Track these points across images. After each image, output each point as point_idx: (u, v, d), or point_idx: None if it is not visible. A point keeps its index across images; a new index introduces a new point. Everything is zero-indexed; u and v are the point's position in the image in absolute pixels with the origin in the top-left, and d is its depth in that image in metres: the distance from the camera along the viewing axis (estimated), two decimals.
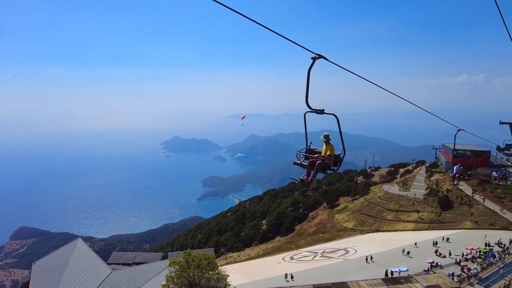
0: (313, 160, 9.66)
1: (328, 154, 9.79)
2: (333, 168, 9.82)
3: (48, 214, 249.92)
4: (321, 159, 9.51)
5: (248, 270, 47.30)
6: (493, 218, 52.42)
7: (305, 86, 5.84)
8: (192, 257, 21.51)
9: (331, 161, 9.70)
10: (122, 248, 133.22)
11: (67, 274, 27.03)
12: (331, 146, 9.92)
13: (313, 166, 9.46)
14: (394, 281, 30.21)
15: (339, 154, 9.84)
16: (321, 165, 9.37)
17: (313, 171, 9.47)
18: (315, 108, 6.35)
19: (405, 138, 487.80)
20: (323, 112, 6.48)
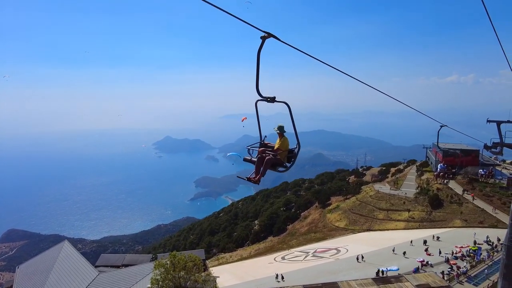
0: (262, 155, 8.51)
1: (277, 148, 8.69)
2: (286, 164, 8.68)
3: (38, 216, 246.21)
4: (272, 154, 8.39)
5: (239, 271, 47.04)
6: (482, 216, 52.97)
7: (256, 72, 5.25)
8: (178, 259, 21.14)
9: (283, 157, 8.57)
10: (114, 250, 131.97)
11: (52, 278, 26.41)
12: (283, 140, 8.84)
13: (262, 163, 8.32)
14: (384, 280, 30.25)
15: (293, 148, 8.68)
16: (271, 161, 8.23)
17: (262, 168, 8.32)
18: (266, 95, 5.59)
19: (396, 138, 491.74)
20: (274, 100, 5.69)
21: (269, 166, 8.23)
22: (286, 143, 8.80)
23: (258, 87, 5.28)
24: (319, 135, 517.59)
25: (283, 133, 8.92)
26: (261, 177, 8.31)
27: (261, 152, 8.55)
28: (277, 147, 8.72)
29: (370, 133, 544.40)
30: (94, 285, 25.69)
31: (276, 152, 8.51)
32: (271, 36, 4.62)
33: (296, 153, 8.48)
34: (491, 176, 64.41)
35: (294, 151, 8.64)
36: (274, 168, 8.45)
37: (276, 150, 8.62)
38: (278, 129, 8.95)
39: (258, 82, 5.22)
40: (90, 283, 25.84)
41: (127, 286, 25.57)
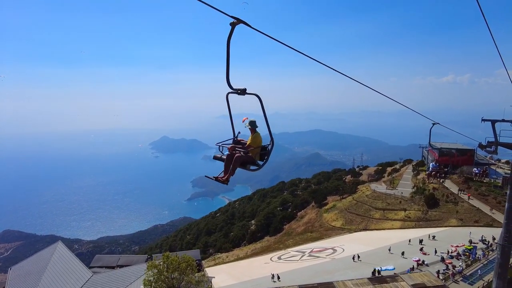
0: (231, 153, 7.88)
1: (248, 145, 8.04)
2: (258, 162, 8.01)
3: (34, 217, 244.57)
4: (243, 152, 7.74)
5: (235, 271, 46.87)
6: (478, 215, 53.18)
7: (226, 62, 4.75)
8: (171, 260, 20.94)
9: (255, 154, 7.93)
10: (110, 250, 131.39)
11: (45, 279, 26.11)
12: (255, 136, 8.19)
13: (231, 161, 7.71)
14: (380, 280, 30.22)
15: (267, 145, 8.02)
16: (240, 159, 7.56)
17: (230, 167, 7.69)
18: (236, 87, 5.16)
19: (393, 138, 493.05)
20: (245, 92, 5.29)
21: (238, 165, 7.59)
22: (258, 139, 8.16)
23: (228, 79, 4.90)
24: (316, 135, 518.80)
25: (255, 129, 8.29)
26: (230, 176, 7.70)
27: (231, 149, 7.91)
28: (248, 143, 8.10)
29: (367, 132, 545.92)
30: (88, 286, 25.42)
31: (247, 149, 7.86)
32: (240, 23, 4.31)
33: (270, 150, 7.86)
34: (485, 175, 64.74)
35: (267, 148, 8.02)
36: (245, 167, 7.79)
37: (247, 147, 7.98)
38: (249, 124, 8.29)
39: (229, 73, 4.83)
40: (83, 284, 25.58)
41: (121, 287, 25.36)
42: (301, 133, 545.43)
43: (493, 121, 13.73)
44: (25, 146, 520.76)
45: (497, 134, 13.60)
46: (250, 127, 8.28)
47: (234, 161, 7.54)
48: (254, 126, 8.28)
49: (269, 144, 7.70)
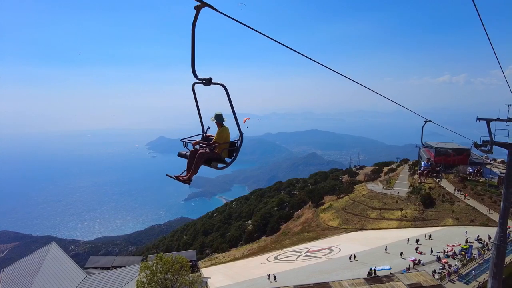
0: (194, 149, 7.27)
1: (213, 141, 7.41)
2: (226, 160, 7.29)
3: (30, 217, 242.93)
4: (207, 148, 7.10)
5: (231, 272, 46.69)
6: (474, 214, 53.33)
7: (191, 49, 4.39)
8: (164, 261, 20.73)
9: (222, 150, 7.21)
10: (107, 251, 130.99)
11: (38, 281, 25.78)
12: (221, 130, 7.52)
13: (194, 158, 7.08)
14: (376, 280, 30.18)
15: (235, 141, 7.29)
16: (204, 156, 6.92)
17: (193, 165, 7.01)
18: (202, 77, 4.80)
19: (390, 137, 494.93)
20: (210, 82, 4.91)
21: (201, 162, 6.94)
22: (224, 134, 7.50)
23: (194, 67, 4.54)
24: (313, 135, 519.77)
25: (222, 123, 7.62)
26: (193, 175, 6.98)
27: (195, 145, 7.35)
28: (214, 139, 7.48)
29: (364, 132, 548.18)
30: (82, 287, 25.19)
31: (213, 145, 7.21)
32: (205, 6, 4.06)
33: (239, 147, 7.12)
34: (479, 174, 64.97)
35: (236, 144, 7.27)
36: (210, 164, 7.12)
37: (213, 143, 7.32)
38: (215, 118, 7.61)
39: (194, 61, 4.47)
40: (77, 286, 25.28)
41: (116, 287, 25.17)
42: (298, 133, 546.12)
43: (488, 120, 13.67)
44: (22, 146, 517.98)
45: (492, 133, 13.54)
46: (216, 121, 7.65)
47: (197, 158, 6.92)
48: (220, 120, 7.64)
49: (238, 140, 7.00)
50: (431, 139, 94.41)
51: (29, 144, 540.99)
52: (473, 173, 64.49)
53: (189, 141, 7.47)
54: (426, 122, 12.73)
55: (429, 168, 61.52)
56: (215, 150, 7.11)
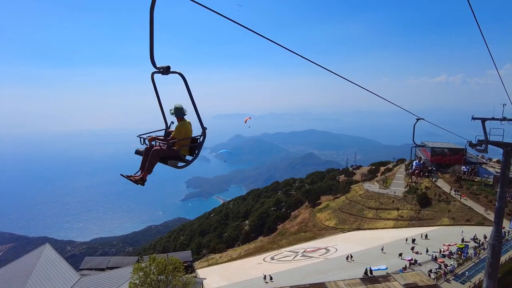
0: (150, 145, 6.57)
1: (171, 136, 6.67)
2: (187, 158, 6.54)
3: (26, 218, 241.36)
4: (163, 144, 6.51)
5: (228, 272, 46.50)
6: (469, 214, 53.46)
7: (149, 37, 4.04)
8: (157, 262, 20.52)
9: (181, 147, 6.45)
10: (104, 251, 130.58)
11: (31, 283, 25.44)
12: (180, 125, 6.75)
13: None
14: (372, 280, 30.12)
15: (198, 137, 6.57)
16: (159, 153, 6.22)
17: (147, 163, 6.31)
18: (160, 65, 4.41)
19: (387, 137, 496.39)
20: (168, 71, 4.50)
21: (156, 160, 6.24)
22: (183, 128, 6.70)
23: (152, 55, 4.16)
24: (311, 135, 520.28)
25: (182, 116, 6.83)
26: (147, 175, 6.32)
27: (150, 140, 6.62)
28: (172, 134, 6.72)
29: (361, 132, 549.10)
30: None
31: (170, 141, 6.53)
32: None
33: (201, 143, 6.43)
34: (473, 173, 65.14)
35: (199, 140, 6.54)
36: (167, 162, 6.38)
37: (170, 138, 6.63)
38: (174, 111, 6.77)
39: (153, 48, 4.11)
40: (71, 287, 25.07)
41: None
42: (296, 133, 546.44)
43: (483, 119, 13.60)
44: (18, 147, 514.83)
45: (487, 132, 13.48)
46: (175, 115, 6.82)
47: (150, 155, 6.23)
48: (180, 113, 6.81)
49: (201, 136, 6.28)
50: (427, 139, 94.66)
51: (26, 144, 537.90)
52: (467, 173, 64.66)
53: (148, 137, 6.77)
54: (418, 120, 12.63)
55: (421, 168, 61.12)
56: (173, 147, 6.40)
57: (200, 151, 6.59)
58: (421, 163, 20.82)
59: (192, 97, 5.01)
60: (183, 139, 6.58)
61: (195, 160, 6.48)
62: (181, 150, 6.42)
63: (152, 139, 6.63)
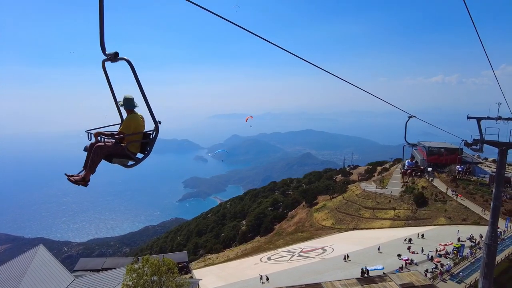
0: (95, 141, 5.66)
1: (119, 131, 5.90)
2: (137, 156, 5.85)
3: (22, 219, 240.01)
4: (110, 140, 5.64)
5: (224, 273, 46.33)
6: (465, 214, 53.57)
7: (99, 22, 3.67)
8: (150, 263, 20.30)
9: (128, 143, 5.68)
10: (101, 252, 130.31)
11: (24, 285, 25.13)
12: (129, 118, 5.94)
13: None
14: (368, 280, 29.99)
15: (150, 132, 5.82)
16: (103, 150, 5.46)
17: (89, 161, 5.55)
18: (109, 52, 4.01)
19: (384, 137, 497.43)
20: (117, 57, 4.07)
21: (99, 157, 5.47)
22: (132, 122, 5.88)
23: (102, 41, 3.79)
24: (308, 135, 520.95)
25: (132, 109, 6.00)
26: (90, 174, 5.56)
27: (97, 136, 5.73)
28: (120, 129, 5.94)
29: (358, 132, 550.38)
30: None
31: (116, 136, 5.77)
32: None
33: (153, 139, 5.68)
34: (468, 172, 65.29)
35: (151, 136, 5.78)
36: (111, 160, 5.66)
37: (118, 133, 5.88)
38: (123, 102, 5.89)
39: (103, 33, 3.75)
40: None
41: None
42: (293, 133, 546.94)
43: (478, 119, 13.52)
44: (14, 147, 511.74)
45: (483, 131, 13.41)
46: (125, 107, 5.96)
47: (92, 152, 5.47)
48: (129, 105, 5.93)
49: (153, 131, 5.50)
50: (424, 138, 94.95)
51: (21, 144, 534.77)
52: (462, 172, 64.81)
53: (94, 132, 5.89)
54: (409, 117, 12.49)
55: (413, 167, 61.18)
56: (121, 143, 5.64)
57: (153, 148, 5.81)
58: (413, 162, 20.61)
59: (141, 86, 4.43)
60: (132, 134, 5.86)
61: (146, 158, 5.79)
62: (130, 146, 5.70)
63: (98, 134, 5.75)
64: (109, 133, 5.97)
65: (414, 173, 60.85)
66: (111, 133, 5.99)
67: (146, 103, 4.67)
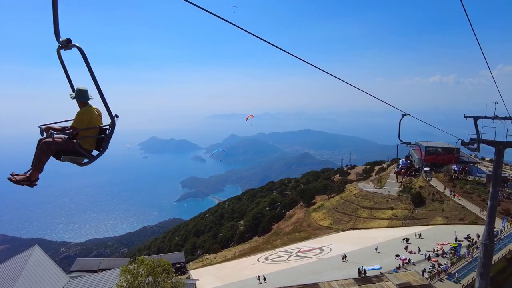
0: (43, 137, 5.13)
1: (71, 126, 5.24)
2: (91, 153, 5.31)
3: (19, 220, 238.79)
4: (58, 136, 5.08)
5: (221, 273, 46.19)
6: (463, 213, 53.63)
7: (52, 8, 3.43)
8: (145, 264, 20.12)
9: (79, 138, 5.13)
10: (99, 252, 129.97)
11: (18, 286, 24.93)
12: (83, 111, 5.27)
13: None
14: (366, 280, 29.94)
15: (106, 127, 5.22)
16: (50, 147, 4.95)
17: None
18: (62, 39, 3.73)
19: (382, 137, 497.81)
20: (69, 44, 3.76)
21: (46, 154, 4.98)
22: (86, 116, 5.23)
23: (57, 28, 3.58)
24: (306, 135, 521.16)
25: (86, 101, 5.34)
26: (36, 173, 4.98)
27: (46, 131, 5.23)
28: (72, 123, 5.26)
29: (356, 132, 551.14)
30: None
31: (67, 131, 5.24)
32: None
33: (109, 135, 5.13)
34: (464, 172, 65.35)
35: (106, 131, 5.28)
36: (60, 158, 5.15)
37: (69, 128, 5.27)
38: (75, 94, 5.19)
39: (57, 20, 3.53)
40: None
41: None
42: (291, 133, 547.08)
43: (475, 118, 13.44)
44: (10, 147, 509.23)
45: (480, 131, 13.34)
46: (76, 98, 5.26)
47: (39, 149, 5.00)
48: (82, 97, 5.24)
49: (109, 127, 5.01)
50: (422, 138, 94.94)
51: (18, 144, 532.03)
52: (458, 172, 64.86)
53: (49, 127, 5.39)
54: (403, 115, 12.38)
55: (407, 167, 60.91)
56: (73, 139, 5.11)
57: (108, 145, 5.31)
58: (407, 162, 20.41)
59: (94, 75, 4.00)
60: (86, 129, 5.23)
61: (101, 155, 5.32)
62: (83, 143, 5.20)
63: (48, 129, 5.23)
64: (60, 128, 5.43)
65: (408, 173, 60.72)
66: (63, 128, 5.43)
67: (100, 94, 4.21)
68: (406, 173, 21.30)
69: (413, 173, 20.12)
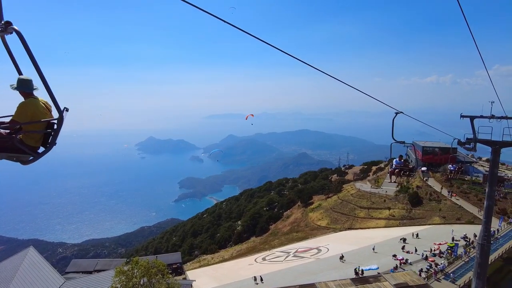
0: None
1: (11, 120, 4.55)
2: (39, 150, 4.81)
3: (16, 221, 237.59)
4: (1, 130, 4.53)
5: (218, 273, 46.01)
6: (460, 213, 53.70)
7: None
8: (139, 265, 19.95)
9: (19, 133, 4.50)
10: (96, 253, 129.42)
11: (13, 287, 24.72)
12: (25, 103, 4.57)
13: None
14: (362, 280, 29.85)
15: (54, 121, 4.56)
16: None
17: None
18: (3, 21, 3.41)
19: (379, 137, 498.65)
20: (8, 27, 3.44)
21: None
22: (29, 109, 4.56)
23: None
24: (304, 135, 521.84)
25: (30, 92, 4.68)
26: None
27: None
28: (13, 116, 4.58)
29: (354, 132, 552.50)
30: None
31: (6, 125, 4.58)
32: None
33: (57, 129, 4.55)
34: (461, 171, 65.50)
35: (53, 126, 4.76)
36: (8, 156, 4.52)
37: (10, 122, 4.57)
38: (17, 84, 4.59)
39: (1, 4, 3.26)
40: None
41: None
42: (289, 133, 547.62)
43: (471, 117, 13.37)
44: None
45: (476, 130, 13.27)
46: (18, 89, 4.65)
47: None
48: (25, 87, 4.63)
49: (56, 121, 4.42)
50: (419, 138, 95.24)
51: None
52: (454, 171, 64.99)
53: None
54: (396, 114, 12.30)
55: (401, 166, 60.84)
56: (13, 135, 4.43)
57: (56, 141, 4.72)
58: (401, 161, 20.27)
59: (36, 63, 3.47)
60: (30, 123, 4.58)
61: (48, 152, 4.75)
62: (26, 138, 4.63)
63: None
64: (5, 123, 4.69)
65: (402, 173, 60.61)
66: (1, 123, 4.70)
67: (45, 84, 3.66)
68: (400, 173, 21.12)
69: (407, 173, 20.00)
